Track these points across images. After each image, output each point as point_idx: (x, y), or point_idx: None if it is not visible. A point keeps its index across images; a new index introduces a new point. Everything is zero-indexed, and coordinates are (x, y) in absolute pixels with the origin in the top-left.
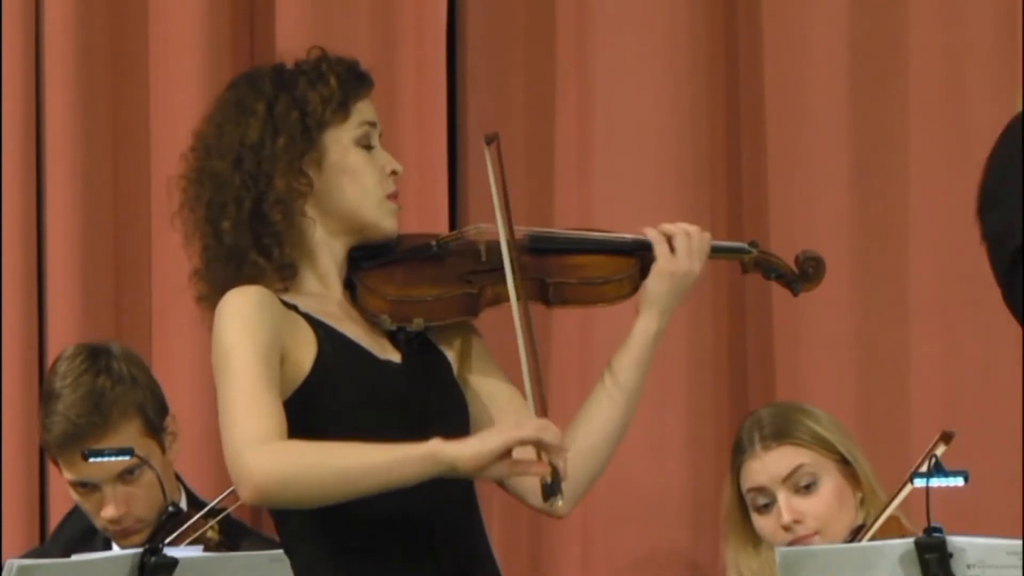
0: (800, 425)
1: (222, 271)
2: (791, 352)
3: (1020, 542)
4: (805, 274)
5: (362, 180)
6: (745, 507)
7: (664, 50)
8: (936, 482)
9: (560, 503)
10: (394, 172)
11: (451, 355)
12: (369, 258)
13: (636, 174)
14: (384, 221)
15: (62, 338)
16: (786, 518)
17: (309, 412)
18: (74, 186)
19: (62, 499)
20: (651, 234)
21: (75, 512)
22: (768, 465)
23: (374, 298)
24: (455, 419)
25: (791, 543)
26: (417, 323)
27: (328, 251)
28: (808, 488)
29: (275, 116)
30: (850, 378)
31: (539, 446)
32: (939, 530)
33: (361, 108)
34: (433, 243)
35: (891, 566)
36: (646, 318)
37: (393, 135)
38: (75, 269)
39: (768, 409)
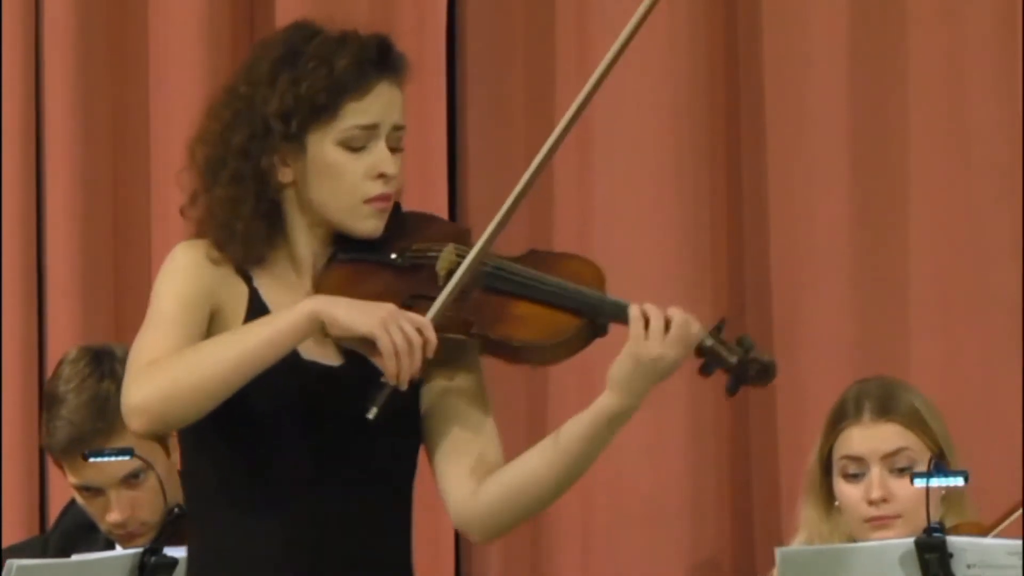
0: (910, 407)
1: None
2: (791, 352)
3: (1020, 542)
4: (745, 375)
5: (337, 182)
6: (827, 471)
7: (664, 50)
8: (936, 482)
9: (370, 416)
10: (382, 175)
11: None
12: (347, 250)
13: (636, 174)
14: (358, 225)
15: (62, 338)
16: (875, 494)
17: None
18: (74, 186)
19: (61, 499)
20: (632, 311)
21: (75, 503)
22: (872, 436)
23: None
24: (390, 430)
25: (871, 519)
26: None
27: (306, 241)
28: (903, 471)
29: (254, 107)
30: (850, 378)
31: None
32: (939, 530)
33: (354, 109)
34: (395, 254)
35: (891, 566)
36: (607, 396)
37: None
38: (75, 269)
39: (877, 381)
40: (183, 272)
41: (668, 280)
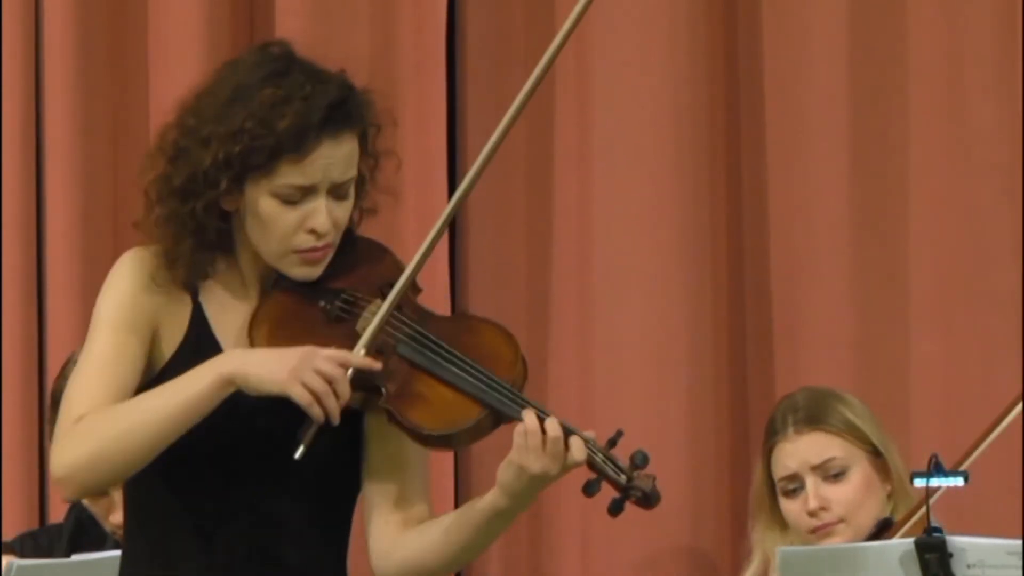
0: (835, 412)
1: None
2: (790, 352)
3: (1020, 542)
4: (629, 495)
5: (269, 231)
6: (774, 489)
7: (664, 50)
8: (936, 482)
9: (296, 456)
10: (313, 231)
11: (356, 396)
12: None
13: (636, 174)
14: (289, 271)
15: (62, 338)
16: (812, 504)
17: None
18: (74, 186)
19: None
20: (527, 419)
21: None
22: (799, 449)
23: (251, 328)
24: (322, 456)
25: (815, 530)
26: None
27: (251, 262)
28: (837, 476)
29: (194, 148)
30: (850, 378)
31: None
32: (939, 530)
33: (290, 170)
34: (323, 302)
35: (891, 566)
36: (494, 494)
37: (393, 135)
38: (75, 269)
39: (803, 393)
40: (125, 295)
41: (668, 280)
